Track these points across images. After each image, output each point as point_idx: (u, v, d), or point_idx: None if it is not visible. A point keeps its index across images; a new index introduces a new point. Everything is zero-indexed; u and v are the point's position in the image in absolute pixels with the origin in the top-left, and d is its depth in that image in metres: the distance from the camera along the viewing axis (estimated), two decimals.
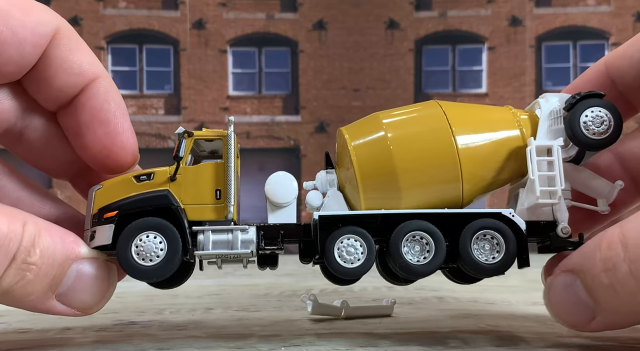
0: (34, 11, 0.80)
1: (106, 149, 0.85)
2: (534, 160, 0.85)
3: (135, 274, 0.83)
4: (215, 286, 1.74)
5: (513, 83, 6.70)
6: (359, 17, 6.76)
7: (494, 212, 0.85)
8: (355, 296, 1.43)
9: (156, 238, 0.83)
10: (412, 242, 0.85)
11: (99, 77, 0.85)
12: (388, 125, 0.89)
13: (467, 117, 0.90)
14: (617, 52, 0.90)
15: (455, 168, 0.86)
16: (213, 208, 0.85)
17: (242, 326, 1.01)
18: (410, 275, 0.85)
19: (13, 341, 0.92)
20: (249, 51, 6.86)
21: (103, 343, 0.87)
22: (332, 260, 0.85)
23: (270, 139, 6.78)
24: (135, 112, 6.68)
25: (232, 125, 0.86)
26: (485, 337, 0.88)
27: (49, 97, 0.85)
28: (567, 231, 0.84)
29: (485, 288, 1.58)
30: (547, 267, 0.89)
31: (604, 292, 0.71)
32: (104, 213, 0.84)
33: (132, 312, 1.20)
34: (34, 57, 0.81)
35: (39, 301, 0.76)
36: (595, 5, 6.64)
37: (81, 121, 0.85)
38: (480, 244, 0.85)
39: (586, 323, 0.75)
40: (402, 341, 0.85)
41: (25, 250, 0.73)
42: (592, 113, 0.84)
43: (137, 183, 0.85)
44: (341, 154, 0.92)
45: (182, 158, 0.85)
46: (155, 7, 6.81)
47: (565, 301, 0.77)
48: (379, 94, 6.68)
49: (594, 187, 0.88)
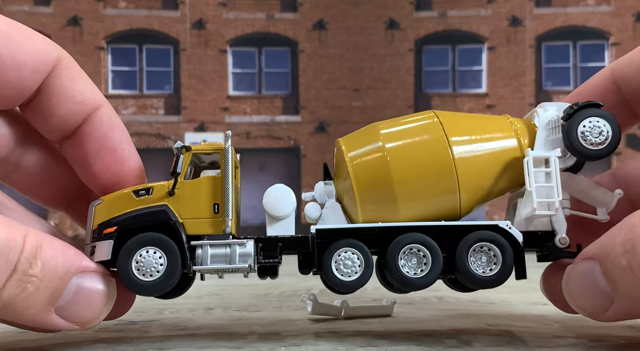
0: (36, 39, 0.82)
1: (116, 176, 0.87)
2: (531, 171, 0.85)
3: (136, 289, 0.83)
4: (215, 286, 1.75)
5: (513, 83, 6.70)
6: (359, 17, 6.76)
7: (491, 224, 0.85)
8: (355, 296, 1.43)
9: (156, 254, 0.83)
10: (409, 254, 0.85)
11: (101, 106, 0.87)
12: (385, 135, 0.89)
13: (464, 127, 0.89)
14: (625, 58, 0.90)
15: (452, 179, 0.86)
16: (211, 222, 0.85)
17: (242, 326, 1.01)
18: (408, 287, 0.86)
19: (13, 341, 0.92)
20: (249, 51, 6.86)
21: (103, 343, 0.87)
22: (330, 273, 0.85)
23: (270, 139, 6.78)
24: (135, 112, 6.69)
25: (229, 139, 0.86)
26: (485, 337, 0.88)
27: (53, 127, 0.86)
28: (565, 241, 0.85)
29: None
30: (545, 275, 0.90)
31: (621, 275, 0.71)
32: (104, 229, 0.84)
33: (132, 312, 1.20)
34: (34, 83, 0.82)
35: (39, 314, 0.76)
36: (595, 5, 6.64)
37: (88, 151, 0.86)
38: (477, 256, 0.85)
39: (603, 311, 0.75)
40: (402, 341, 0.85)
41: (27, 261, 0.72)
42: (590, 123, 0.84)
43: (136, 198, 0.85)
44: (339, 165, 0.92)
45: (180, 173, 0.86)
46: (155, 7, 6.81)
47: (583, 288, 0.77)
48: (379, 94, 6.68)
49: (594, 195, 0.88)
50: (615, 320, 0.76)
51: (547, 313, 1.11)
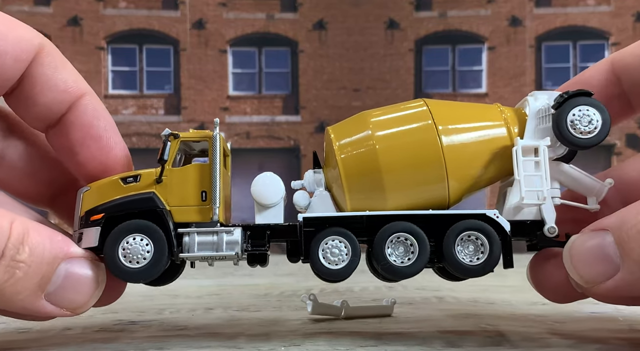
0: (17, 27, 0.82)
1: (102, 165, 0.86)
2: (520, 160, 0.85)
3: (123, 276, 0.83)
4: (215, 286, 1.75)
5: (513, 83, 6.70)
6: (359, 17, 6.76)
7: (478, 213, 0.85)
8: (355, 296, 1.43)
9: (142, 241, 0.83)
10: (396, 243, 0.85)
11: (85, 94, 0.86)
12: (375, 124, 0.89)
13: (453, 115, 0.89)
14: (627, 49, 0.90)
15: (441, 167, 0.86)
16: (198, 209, 0.85)
17: (242, 326, 1.01)
18: (394, 276, 0.85)
19: (13, 341, 0.92)
20: (249, 51, 6.86)
21: (103, 343, 0.87)
22: (317, 262, 0.85)
23: (270, 139, 6.78)
24: (135, 112, 6.69)
25: (217, 127, 0.86)
26: (485, 337, 0.88)
27: (37, 116, 0.86)
28: (553, 231, 0.85)
29: (485, 288, 1.58)
30: (532, 263, 0.90)
31: (637, 243, 0.71)
32: (91, 216, 0.84)
33: (132, 312, 1.20)
34: (16, 71, 0.82)
35: (29, 300, 0.76)
36: (595, 5, 6.64)
37: (73, 139, 0.86)
38: (465, 245, 0.85)
39: (604, 280, 0.75)
40: (402, 341, 0.85)
41: (14, 247, 0.73)
42: (580, 112, 0.84)
43: (124, 185, 0.85)
44: (328, 154, 0.92)
45: (167, 161, 0.86)
46: (155, 7, 6.81)
47: (588, 255, 0.76)
48: (379, 94, 6.68)
49: (585, 184, 0.88)
50: (610, 292, 0.76)
51: (548, 314, 1.11)
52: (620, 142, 6.40)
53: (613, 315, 1.07)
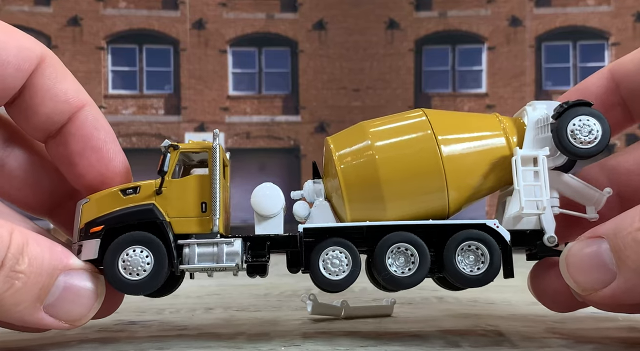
0: (19, 37, 0.82)
1: (101, 175, 0.86)
2: (519, 170, 0.85)
3: (123, 288, 0.83)
4: (216, 286, 1.75)
5: (513, 83, 6.70)
6: (359, 17, 6.76)
7: (478, 223, 0.85)
8: (355, 296, 1.43)
9: (142, 252, 0.83)
10: (397, 253, 0.85)
11: (85, 105, 0.86)
12: (374, 134, 0.89)
13: (452, 125, 0.89)
14: (627, 57, 0.91)
15: (440, 177, 0.86)
16: (198, 221, 0.85)
17: (242, 326, 1.01)
18: (395, 287, 0.86)
19: (13, 341, 0.92)
20: (249, 51, 6.86)
21: (103, 343, 0.87)
22: (317, 272, 0.85)
23: (270, 139, 6.77)
24: (135, 112, 6.68)
25: (217, 138, 0.86)
26: (485, 337, 0.88)
27: (37, 126, 0.86)
28: (553, 240, 0.85)
29: (485, 288, 1.58)
30: (533, 273, 0.90)
31: (632, 251, 0.72)
32: (90, 228, 0.84)
33: (132, 312, 1.20)
34: (18, 81, 0.82)
35: (27, 311, 0.75)
36: (595, 5, 6.64)
37: (73, 150, 0.86)
38: (465, 255, 0.85)
39: (600, 287, 0.75)
40: (402, 341, 0.85)
41: (14, 257, 0.72)
42: (580, 121, 0.84)
43: (123, 197, 0.85)
44: (328, 164, 0.92)
45: (167, 172, 0.86)
46: (155, 7, 6.81)
47: (584, 262, 0.77)
48: (379, 94, 6.68)
49: (584, 194, 0.88)
50: (608, 300, 0.76)
51: (547, 313, 1.11)
52: (620, 142, 6.40)
53: (613, 315, 1.07)
